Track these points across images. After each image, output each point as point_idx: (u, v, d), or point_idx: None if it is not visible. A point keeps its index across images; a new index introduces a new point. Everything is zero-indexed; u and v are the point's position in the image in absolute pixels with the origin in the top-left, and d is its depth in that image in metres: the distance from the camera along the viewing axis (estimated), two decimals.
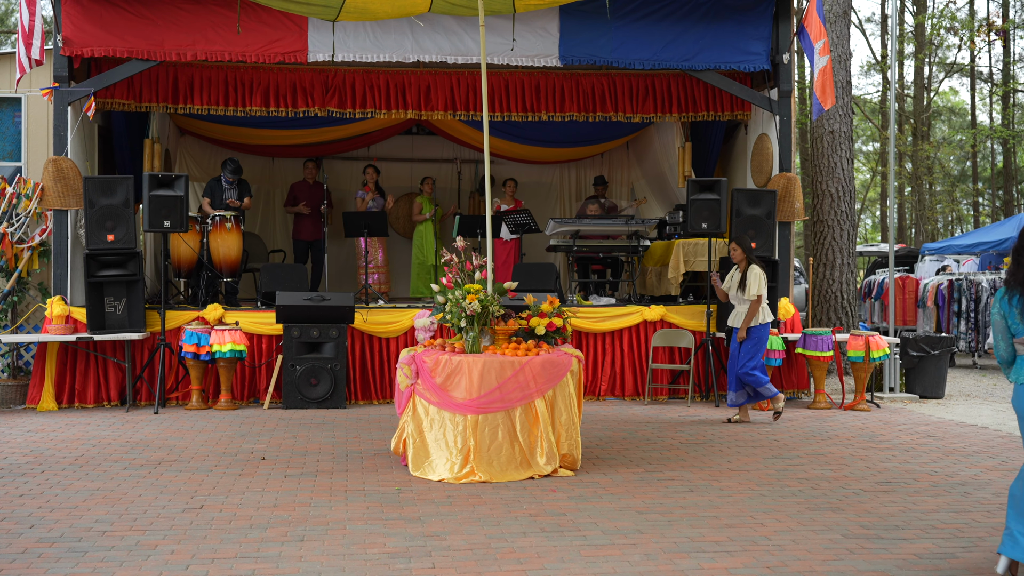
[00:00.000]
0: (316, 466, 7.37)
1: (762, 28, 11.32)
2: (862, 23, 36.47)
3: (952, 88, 40.78)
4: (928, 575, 4.90)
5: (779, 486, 6.81)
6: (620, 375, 11.15)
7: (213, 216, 11.52)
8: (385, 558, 5.08)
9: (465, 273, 7.63)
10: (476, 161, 15.73)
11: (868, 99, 35.70)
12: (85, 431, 8.84)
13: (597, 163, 16.23)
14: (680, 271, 11.89)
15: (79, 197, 10.30)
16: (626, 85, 11.95)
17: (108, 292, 10.22)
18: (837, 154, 14.08)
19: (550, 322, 7.67)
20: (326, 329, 10.24)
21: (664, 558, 5.12)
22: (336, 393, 10.23)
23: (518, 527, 5.69)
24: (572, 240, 12.11)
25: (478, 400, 6.95)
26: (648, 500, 6.38)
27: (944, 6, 31.94)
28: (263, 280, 11.36)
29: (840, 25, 14.24)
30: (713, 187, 10.87)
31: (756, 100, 11.63)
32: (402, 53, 10.87)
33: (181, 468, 7.26)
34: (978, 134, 32.82)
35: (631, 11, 11.02)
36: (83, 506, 6.12)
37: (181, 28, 10.51)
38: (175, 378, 10.55)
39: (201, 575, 4.80)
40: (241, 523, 5.73)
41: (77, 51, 10.37)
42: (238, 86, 11.35)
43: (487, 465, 6.93)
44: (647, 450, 8.11)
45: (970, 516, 6.06)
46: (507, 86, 11.77)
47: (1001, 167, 34.32)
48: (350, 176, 15.35)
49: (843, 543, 5.41)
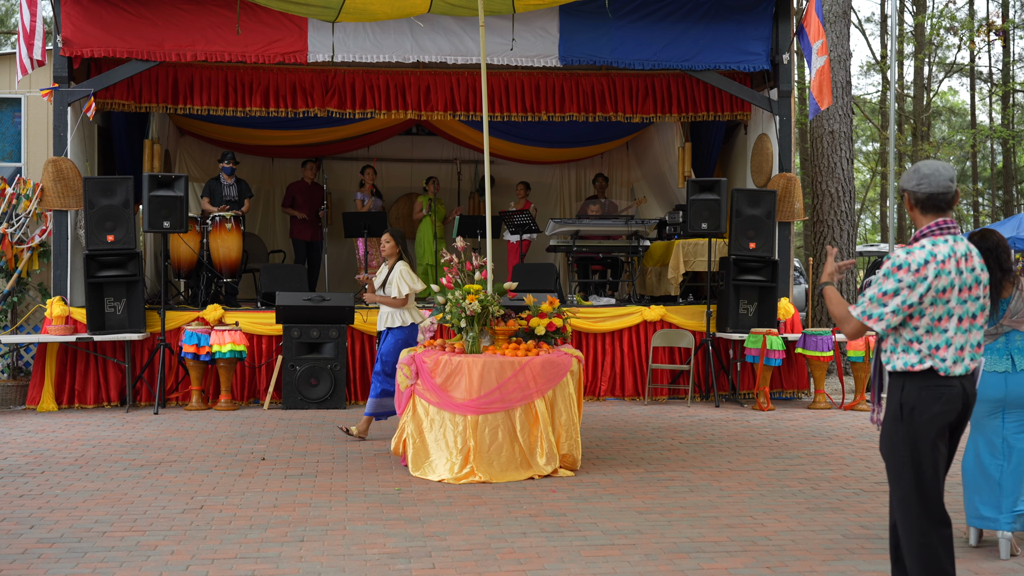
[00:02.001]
0: (316, 466, 7.37)
1: (762, 28, 11.32)
2: (862, 23, 36.51)
3: (951, 88, 40.77)
4: None
5: (779, 486, 6.81)
6: (620, 375, 11.15)
7: (213, 216, 11.52)
8: (385, 558, 5.08)
9: (465, 273, 7.64)
10: (476, 161, 15.71)
11: (868, 99, 35.70)
12: (85, 431, 8.84)
13: (597, 163, 16.22)
14: (680, 271, 11.89)
15: (79, 198, 10.29)
16: (626, 85, 11.94)
17: (108, 293, 10.21)
18: (837, 154, 14.08)
19: (550, 322, 7.66)
20: (326, 329, 10.24)
21: (664, 558, 5.12)
22: (336, 393, 10.23)
23: (518, 527, 5.69)
24: (572, 240, 12.10)
25: (478, 400, 6.95)
26: (648, 500, 6.38)
27: (944, 6, 31.93)
28: (263, 280, 11.36)
29: (840, 25, 14.24)
30: (713, 187, 10.87)
31: (756, 100, 11.63)
32: (402, 53, 10.87)
33: (181, 468, 7.26)
34: (978, 134, 32.82)
35: (631, 11, 11.01)
36: (83, 507, 6.12)
37: (181, 28, 10.51)
38: (175, 379, 10.55)
39: (201, 575, 4.80)
40: (241, 523, 5.73)
41: (77, 51, 10.37)
42: (238, 86, 11.35)
43: (487, 465, 6.93)
44: (647, 450, 8.11)
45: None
46: (507, 86, 11.77)
47: (1001, 167, 34.32)
48: (350, 176, 15.34)
49: (843, 543, 5.41)
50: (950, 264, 3.93)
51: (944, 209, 4.01)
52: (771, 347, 10.35)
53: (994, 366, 5.28)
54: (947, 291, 3.93)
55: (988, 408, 5.28)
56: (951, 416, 3.96)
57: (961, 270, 3.96)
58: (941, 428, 3.95)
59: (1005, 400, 5.24)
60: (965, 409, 4.01)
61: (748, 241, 10.82)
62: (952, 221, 4.00)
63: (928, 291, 3.91)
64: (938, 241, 3.97)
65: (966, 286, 3.97)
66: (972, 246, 4.07)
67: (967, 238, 4.37)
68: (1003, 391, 5.24)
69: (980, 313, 4.04)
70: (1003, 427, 5.26)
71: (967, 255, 4.00)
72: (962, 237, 4.03)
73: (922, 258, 3.91)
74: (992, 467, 5.24)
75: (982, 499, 5.25)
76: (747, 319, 10.87)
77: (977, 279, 4.01)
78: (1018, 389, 5.22)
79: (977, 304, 4.02)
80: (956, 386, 3.95)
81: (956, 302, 3.96)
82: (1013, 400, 5.23)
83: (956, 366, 3.95)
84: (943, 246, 3.96)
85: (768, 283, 10.86)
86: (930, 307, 3.94)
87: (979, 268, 4.04)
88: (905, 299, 3.92)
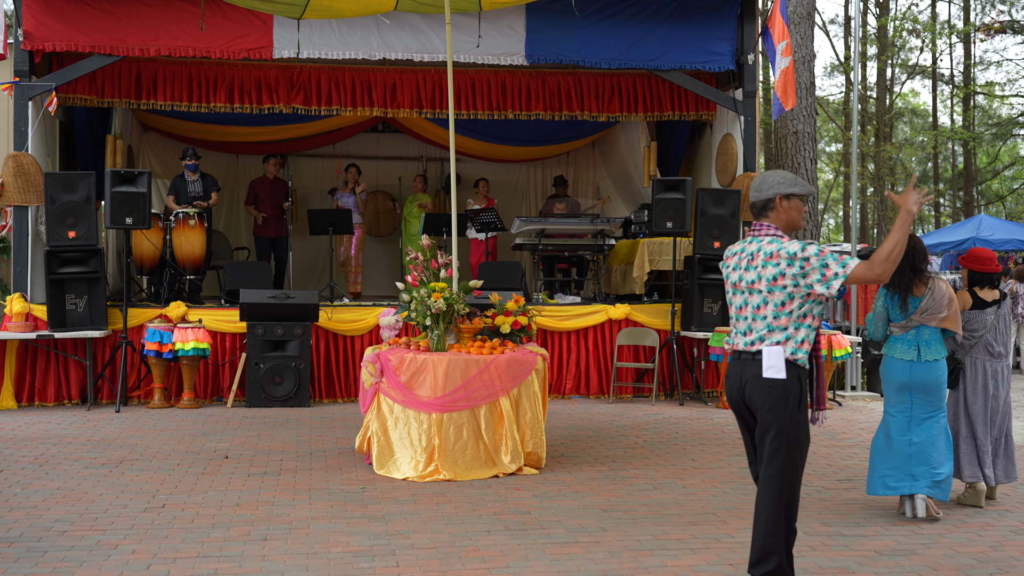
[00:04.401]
0: (280, 465, 7.34)
1: (727, 29, 11.39)
2: (826, 25, 36.76)
3: (913, 90, 41.35)
4: (889, 571, 4.96)
5: (742, 484, 6.86)
6: (585, 374, 11.18)
7: (176, 213, 11.42)
8: (349, 557, 5.07)
9: (430, 271, 7.63)
10: (442, 159, 15.71)
11: (831, 100, 36.02)
12: (45, 430, 8.74)
13: (563, 162, 16.25)
14: (645, 270, 11.93)
15: (40, 193, 10.18)
16: (592, 84, 11.97)
17: (69, 289, 10.09)
18: (801, 154, 14.21)
19: (515, 320, 7.68)
20: (290, 327, 10.19)
21: (628, 556, 5.14)
22: (300, 391, 10.19)
23: (482, 525, 5.69)
24: (538, 239, 12.12)
25: (443, 398, 6.95)
26: (612, 498, 6.41)
27: (907, 9, 32.28)
28: (227, 278, 11.28)
29: (804, 26, 14.36)
30: (678, 186, 10.92)
31: (721, 100, 11.70)
32: (368, 50, 10.84)
33: (143, 467, 7.20)
34: (939, 136, 33.21)
35: (597, 10, 11.04)
36: (43, 505, 6.05)
37: (144, 23, 10.41)
38: (137, 376, 10.45)
39: (163, 575, 4.77)
40: (204, 522, 5.69)
41: (39, 45, 10.26)
42: (202, 82, 11.26)
43: (451, 463, 6.93)
44: (611, 448, 8.14)
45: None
46: (473, 84, 11.76)
47: (962, 168, 34.75)
48: (315, 173, 15.28)
49: (805, 540, 5.46)
50: (732, 260, 4.57)
51: (758, 216, 4.52)
52: None
53: (902, 354, 6.04)
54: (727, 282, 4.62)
55: (894, 391, 6.08)
56: (732, 396, 4.53)
57: (736, 267, 4.52)
58: (731, 406, 4.57)
59: (909, 384, 6.00)
60: (742, 391, 4.46)
61: (713, 240, 10.88)
62: (760, 224, 4.50)
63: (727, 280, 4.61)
64: (745, 241, 4.57)
65: (735, 282, 4.53)
66: (764, 247, 4.41)
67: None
68: (907, 377, 6.00)
69: (763, 306, 4.40)
70: (911, 408, 6.01)
71: (753, 255, 4.45)
72: (760, 238, 4.45)
73: (729, 251, 4.64)
74: (901, 443, 6.00)
75: (890, 471, 6.02)
76: (711, 318, 10.92)
77: (745, 277, 4.47)
78: (921, 376, 5.97)
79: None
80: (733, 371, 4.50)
81: (732, 292, 4.57)
82: (917, 385, 5.98)
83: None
84: (739, 245, 4.59)
85: None
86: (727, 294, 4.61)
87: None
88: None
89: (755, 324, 4.40)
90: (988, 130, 33.94)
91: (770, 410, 4.33)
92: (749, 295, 4.44)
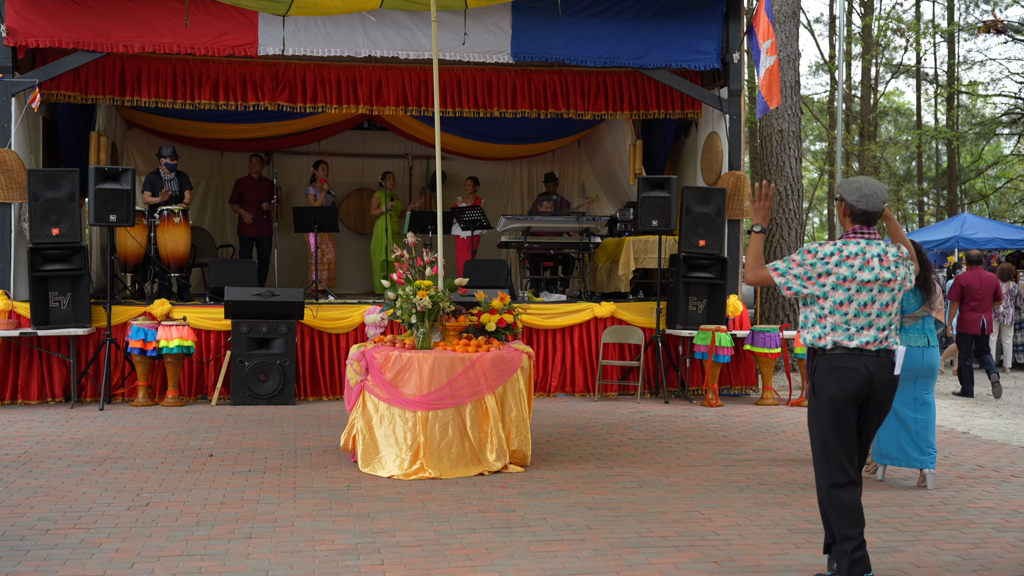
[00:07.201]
0: (264, 463, 7.32)
1: (713, 27, 11.41)
2: (811, 24, 36.81)
3: (898, 89, 41.39)
4: (872, 568, 4.97)
5: (727, 481, 6.88)
6: (570, 371, 11.19)
7: (161, 210, 11.37)
8: (334, 555, 5.06)
9: (416, 269, 7.62)
10: (428, 157, 15.70)
11: (816, 99, 36.10)
12: (28, 428, 8.70)
13: (548, 160, 16.26)
14: (630, 268, 11.95)
15: (23, 190, 10.13)
16: (578, 82, 11.97)
17: (53, 287, 10.04)
18: (786, 153, 14.23)
19: (501, 318, 7.68)
20: (275, 325, 10.16)
21: (613, 553, 5.15)
22: (285, 389, 10.17)
23: (467, 523, 5.69)
24: (523, 237, 12.11)
25: (428, 396, 6.94)
26: (597, 496, 6.41)
27: (891, 8, 32.39)
28: (211, 275, 11.24)
29: (789, 25, 14.38)
30: (663, 185, 10.93)
31: (706, 99, 11.72)
32: (353, 48, 10.82)
33: (127, 465, 7.17)
34: (923, 135, 33.34)
35: (583, 8, 11.06)
36: (26, 504, 6.02)
37: (128, 19, 10.38)
38: (121, 374, 10.41)
39: (147, 573, 4.75)
40: (188, 520, 5.68)
41: (22, 41, 10.21)
42: (187, 79, 11.22)
43: (437, 461, 6.92)
44: (597, 446, 8.15)
45: (913, 511, 6.16)
46: (459, 82, 11.75)
47: (946, 167, 34.91)
48: (300, 171, 15.24)
49: (789, 538, 5.48)
50: (856, 260, 4.58)
51: (871, 223, 4.68)
52: (720, 344, 10.44)
53: (916, 342, 6.75)
54: (847, 280, 4.57)
55: (907, 375, 6.59)
56: (849, 391, 4.53)
57: (864, 267, 4.58)
58: (839, 401, 4.53)
59: (920, 369, 6.73)
60: (869, 388, 4.54)
61: (698, 238, 10.90)
62: (872, 229, 4.67)
63: (830, 276, 4.58)
64: (849, 242, 4.64)
65: (868, 280, 4.57)
66: (889, 249, 4.68)
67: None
68: (921, 362, 6.72)
69: (891, 303, 4.62)
70: (915, 389, 6.75)
71: (881, 256, 4.62)
72: (878, 241, 4.66)
73: (829, 250, 4.61)
74: (909, 420, 6.78)
75: (896, 444, 6.83)
76: (696, 316, 10.95)
77: (882, 276, 4.59)
78: (931, 359, 6.78)
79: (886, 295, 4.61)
80: (859, 366, 4.53)
81: (856, 290, 4.57)
82: (927, 368, 6.77)
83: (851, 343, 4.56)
84: (853, 246, 4.62)
85: (717, 280, 10.95)
86: (832, 291, 4.58)
87: (892, 266, 4.63)
88: (806, 272, 4.61)
89: (878, 320, 4.58)
90: (972, 129, 34.10)
91: (890, 402, 4.68)
92: (879, 292, 4.59)
